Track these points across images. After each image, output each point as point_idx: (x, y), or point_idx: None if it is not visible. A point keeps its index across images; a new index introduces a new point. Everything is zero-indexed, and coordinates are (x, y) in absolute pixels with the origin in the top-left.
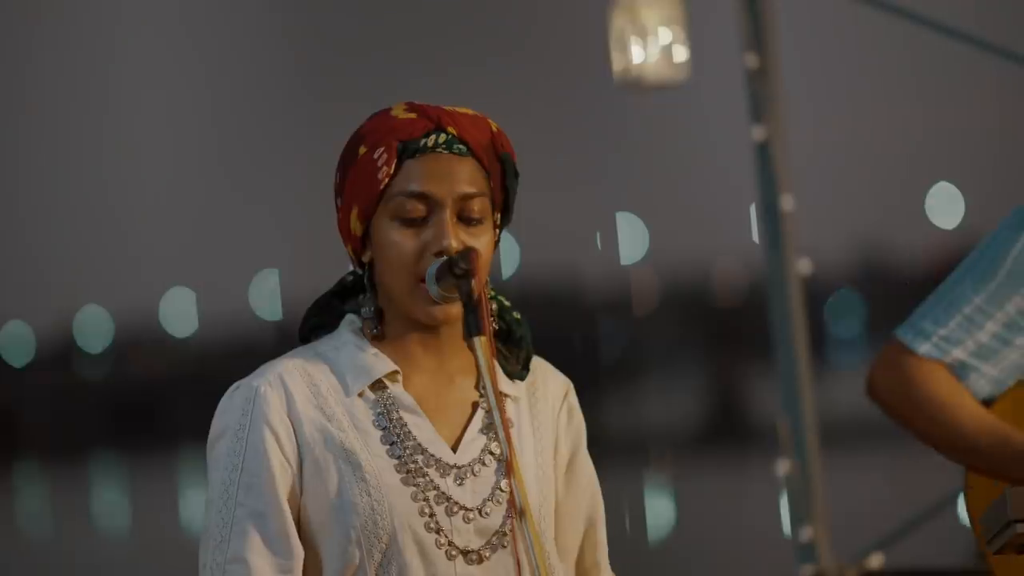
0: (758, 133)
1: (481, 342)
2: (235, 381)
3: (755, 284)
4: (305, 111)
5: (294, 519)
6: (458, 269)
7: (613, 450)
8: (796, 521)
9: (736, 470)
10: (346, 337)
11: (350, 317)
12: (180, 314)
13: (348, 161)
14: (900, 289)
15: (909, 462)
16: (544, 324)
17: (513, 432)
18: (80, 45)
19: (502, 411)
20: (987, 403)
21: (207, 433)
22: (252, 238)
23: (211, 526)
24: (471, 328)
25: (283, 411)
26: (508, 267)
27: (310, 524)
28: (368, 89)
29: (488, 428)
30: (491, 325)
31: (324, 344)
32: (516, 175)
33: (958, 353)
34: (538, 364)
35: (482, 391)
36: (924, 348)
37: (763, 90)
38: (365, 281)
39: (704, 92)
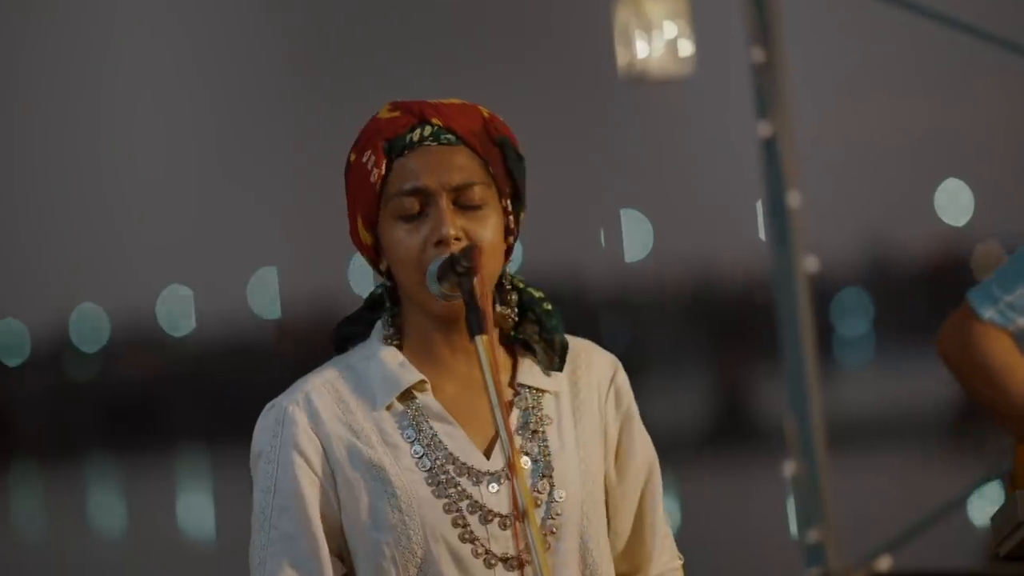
0: (764, 129)
1: (483, 342)
2: (233, 381)
3: (761, 282)
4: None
5: (337, 536)
6: (459, 267)
7: None
8: (803, 523)
9: (742, 471)
10: (375, 346)
11: (379, 325)
12: (177, 313)
13: (345, 174)
14: (908, 287)
15: (918, 463)
16: None
17: (552, 429)
18: (76, 43)
19: (504, 412)
20: None
21: (204, 433)
22: (251, 235)
23: (253, 547)
24: (473, 328)
25: (311, 431)
26: (511, 265)
27: (350, 540)
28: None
29: (524, 428)
30: (492, 323)
31: (355, 355)
32: (519, 158)
33: (1022, 321)
34: (581, 348)
35: (518, 388)
36: (989, 314)
37: (769, 85)
38: (384, 292)
39: (709, 87)
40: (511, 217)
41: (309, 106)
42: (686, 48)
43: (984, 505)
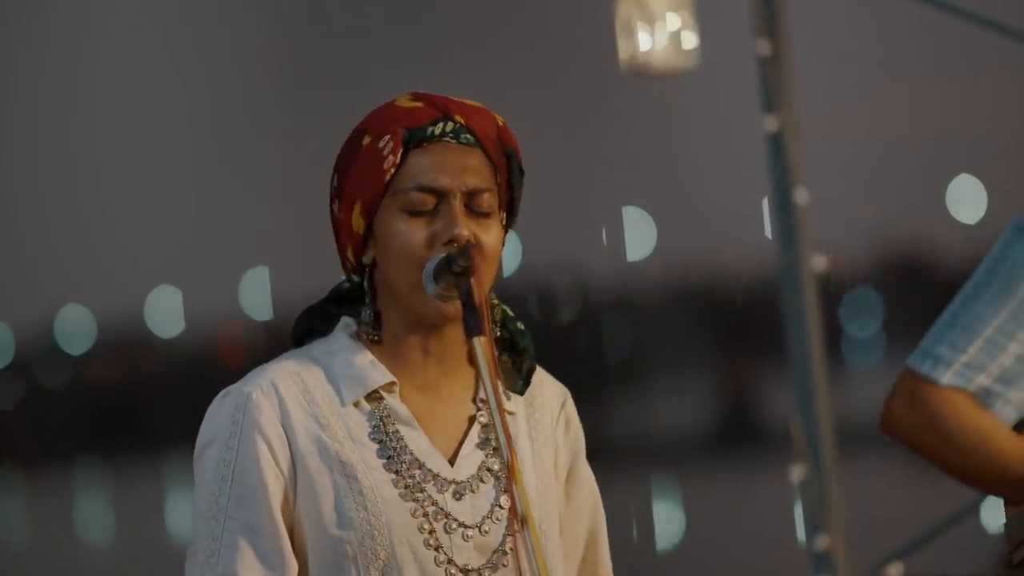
0: (771, 123)
1: (481, 343)
2: (224, 383)
3: (768, 281)
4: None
5: (287, 532)
6: (457, 266)
7: (619, 455)
8: (811, 529)
9: (748, 476)
10: (342, 341)
11: (346, 320)
12: (166, 314)
13: (350, 155)
14: (919, 286)
15: (930, 467)
16: (547, 323)
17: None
18: (66, 43)
19: (502, 414)
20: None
21: (194, 438)
22: (242, 234)
23: (199, 540)
24: (471, 329)
25: (276, 419)
26: (510, 264)
27: (303, 538)
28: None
29: (485, 444)
30: (491, 325)
31: (318, 348)
32: (522, 172)
33: (982, 380)
34: (536, 373)
35: (480, 404)
36: (946, 378)
37: (776, 78)
38: (365, 285)
39: (714, 80)
40: (503, 231)
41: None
42: (690, 40)
43: (997, 511)
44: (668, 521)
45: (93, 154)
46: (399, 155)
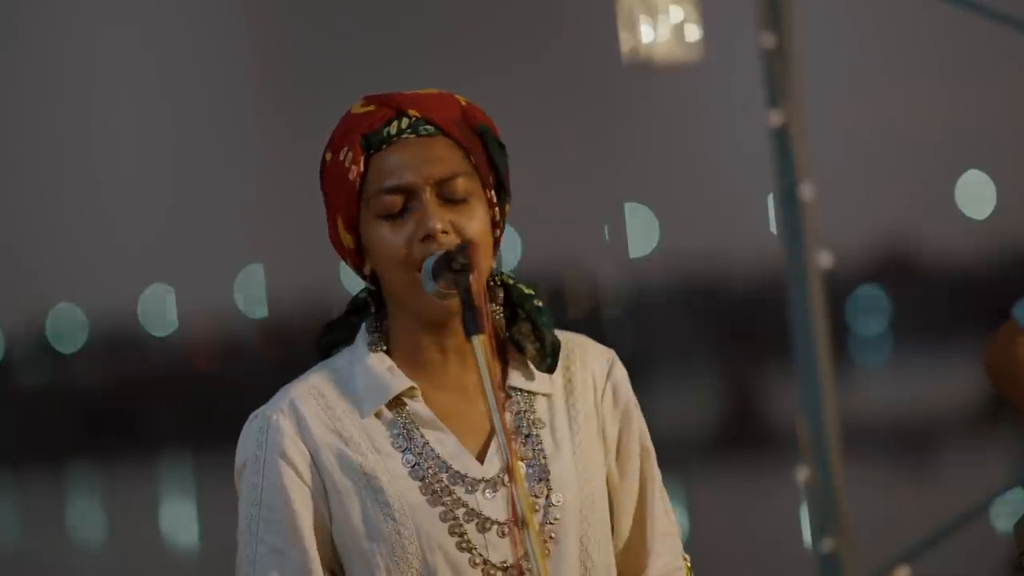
0: (775, 118)
1: (480, 341)
2: (218, 383)
3: (773, 278)
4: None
5: (327, 549)
6: (456, 263)
7: None
8: (817, 531)
9: (753, 477)
10: (361, 350)
11: (364, 327)
12: (159, 312)
13: (321, 174)
14: (927, 284)
15: (937, 468)
16: None
17: (546, 432)
18: (56, 41)
19: (503, 415)
20: None
21: (188, 438)
22: (236, 231)
23: (240, 562)
24: (469, 327)
25: (298, 439)
26: (509, 260)
27: (341, 551)
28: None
29: (516, 432)
30: (491, 321)
31: (341, 358)
32: (501, 146)
33: None
34: (575, 344)
35: (509, 391)
36: None
37: (781, 72)
38: (368, 296)
39: (718, 74)
40: (496, 209)
41: (296, 96)
42: (693, 33)
43: (1007, 512)
44: None
45: (86, 151)
46: (361, 163)
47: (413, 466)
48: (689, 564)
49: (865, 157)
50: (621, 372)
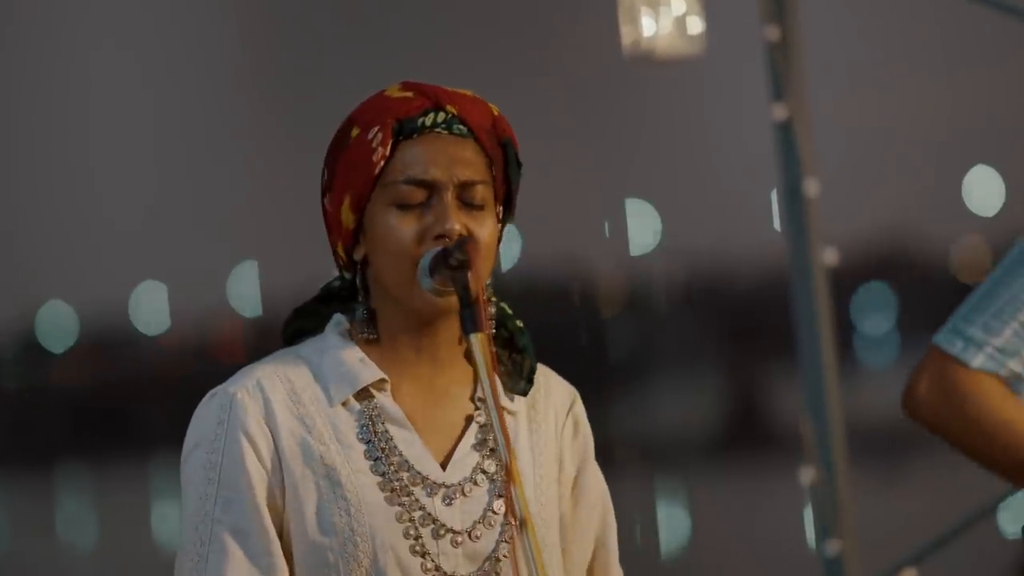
0: (779, 112)
1: (479, 339)
2: (211, 382)
3: (776, 276)
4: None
5: (277, 533)
6: (453, 260)
7: (622, 456)
8: (822, 534)
9: (756, 478)
10: (332, 340)
11: (337, 318)
12: (152, 310)
13: (339, 147)
14: (934, 282)
15: (944, 469)
16: (547, 319)
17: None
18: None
19: (500, 414)
20: None
21: (180, 439)
22: (230, 228)
23: (187, 545)
24: (467, 325)
25: (261, 419)
26: (508, 258)
27: (290, 541)
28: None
29: (482, 445)
30: (490, 321)
31: (308, 347)
32: (519, 164)
33: (1014, 365)
34: (540, 372)
35: (478, 403)
36: (978, 360)
37: (785, 65)
38: (357, 282)
39: (720, 67)
40: (500, 225)
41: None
42: (695, 25)
43: (1015, 515)
44: (673, 525)
45: (76, 146)
46: (388, 147)
47: (375, 460)
48: None
49: (870, 152)
50: (581, 409)
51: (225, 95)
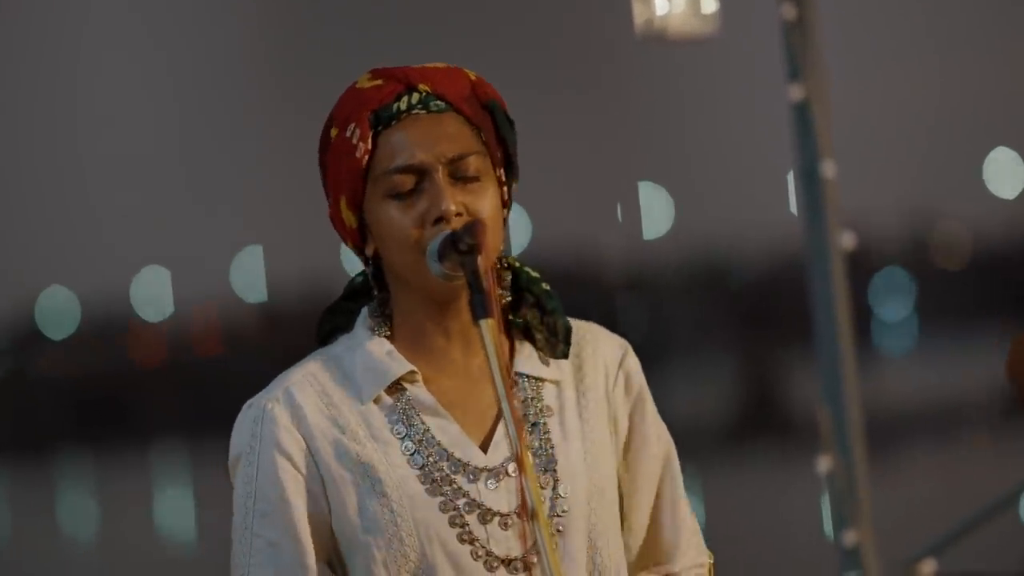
0: (796, 92)
1: (488, 325)
2: (214, 369)
3: (792, 260)
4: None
5: (326, 540)
6: (463, 244)
7: None
8: (839, 524)
9: (772, 467)
10: (361, 336)
11: (365, 312)
12: (154, 296)
13: (324, 150)
14: (954, 266)
15: (964, 457)
16: None
17: (554, 420)
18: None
19: (511, 402)
20: None
21: (183, 427)
22: (233, 211)
23: (236, 556)
24: (477, 311)
25: (293, 428)
26: (518, 242)
27: (342, 543)
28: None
29: (523, 420)
30: (499, 304)
31: (339, 345)
32: (510, 122)
33: None
34: (586, 331)
35: (516, 377)
36: None
37: (801, 44)
38: (371, 278)
39: (735, 47)
40: (505, 188)
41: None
42: (710, 4)
43: None
44: None
45: (77, 127)
46: (369, 140)
47: (412, 454)
48: (712, 562)
49: (889, 133)
50: (634, 362)
51: (229, 76)
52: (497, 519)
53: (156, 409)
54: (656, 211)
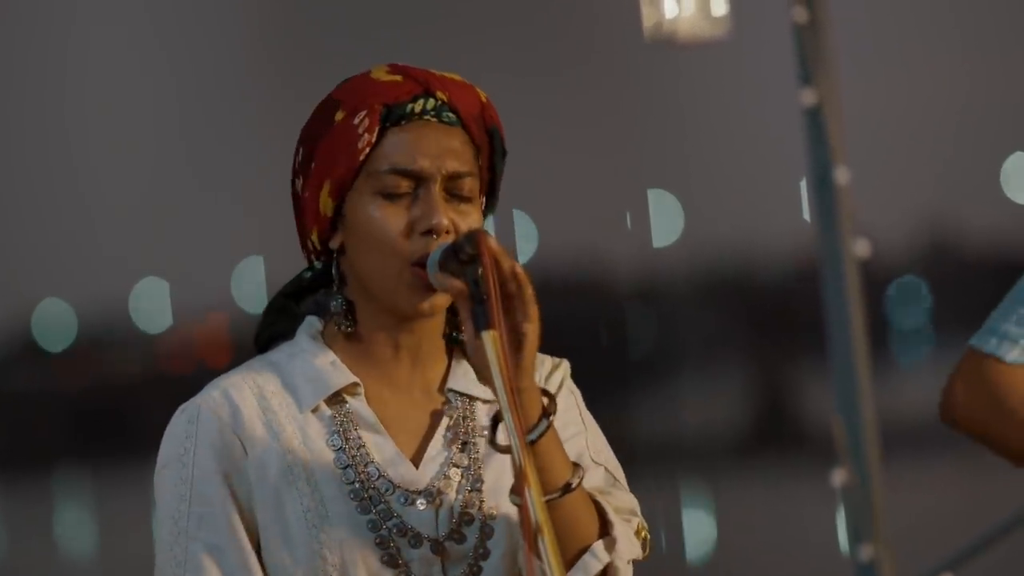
0: (808, 97)
1: (491, 337)
2: (216, 383)
3: (806, 268)
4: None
5: (253, 547)
6: (464, 254)
7: (644, 457)
8: (855, 538)
9: (785, 480)
10: (303, 344)
11: (309, 320)
12: (153, 307)
13: (319, 129)
14: (971, 274)
15: (983, 469)
16: (566, 314)
17: (484, 440)
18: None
19: (515, 417)
20: None
21: None
22: (234, 221)
23: (163, 566)
24: (479, 322)
25: (230, 429)
26: (525, 250)
27: (265, 555)
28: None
29: (454, 440)
30: (501, 317)
31: (278, 352)
32: (504, 153)
33: None
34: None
35: (447, 395)
36: (1013, 354)
37: (814, 47)
38: (333, 271)
39: (746, 51)
40: (482, 217)
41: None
42: (720, 6)
43: None
44: (698, 529)
45: (73, 137)
46: (375, 133)
47: (345, 467)
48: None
49: (904, 138)
50: (559, 375)
51: (229, 84)
52: (428, 544)
53: (156, 423)
54: (666, 219)
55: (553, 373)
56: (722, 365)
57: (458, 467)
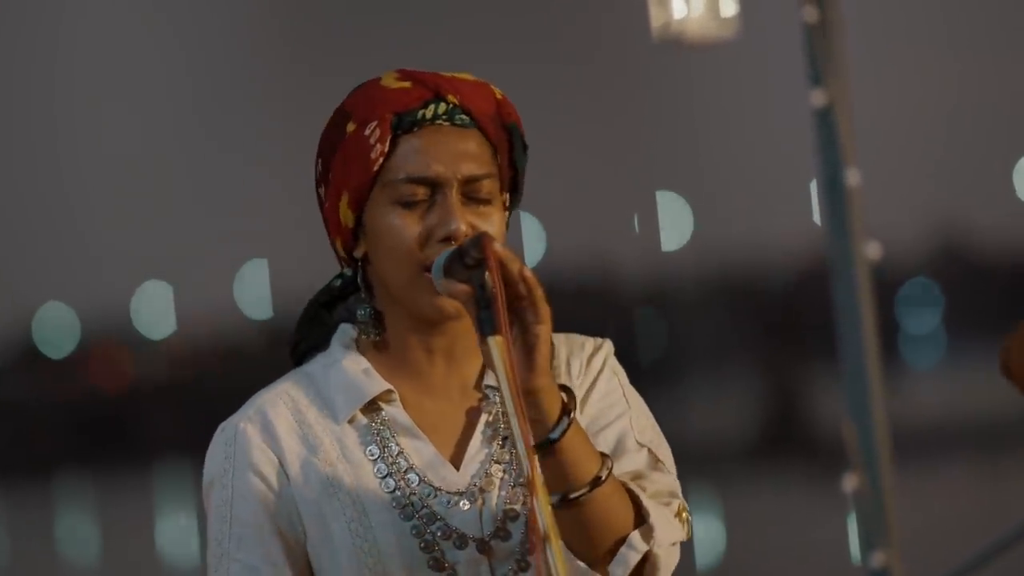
0: (818, 98)
1: (497, 342)
2: (219, 387)
3: (816, 272)
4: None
5: (301, 561)
6: (469, 259)
7: None
8: (866, 545)
9: (796, 486)
10: (336, 353)
11: (343, 328)
12: (156, 312)
13: (333, 142)
14: (983, 277)
15: (995, 475)
16: (573, 318)
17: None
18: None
19: (523, 423)
20: None
21: (186, 447)
22: (238, 224)
23: None
24: (485, 326)
25: (266, 448)
26: (533, 253)
27: (313, 566)
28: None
29: (492, 435)
30: (507, 322)
31: (314, 364)
32: (525, 148)
33: None
34: (560, 342)
35: (485, 391)
36: None
37: (824, 47)
38: (359, 281)
39: (756, 51)
40: (507, 213)
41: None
42: (729, 7)
43: None
44: (707, 536)
45: (75, 138)
46: (387, 143)
47: (384, 476)
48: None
49: (915, 139)
50: (601, 356)
51: (232, 87)
52: (472, 544)
53: (159, 429)
54: (675, 221)
55: (595, 355)
56: (732, 369)
57: (500, 463)
